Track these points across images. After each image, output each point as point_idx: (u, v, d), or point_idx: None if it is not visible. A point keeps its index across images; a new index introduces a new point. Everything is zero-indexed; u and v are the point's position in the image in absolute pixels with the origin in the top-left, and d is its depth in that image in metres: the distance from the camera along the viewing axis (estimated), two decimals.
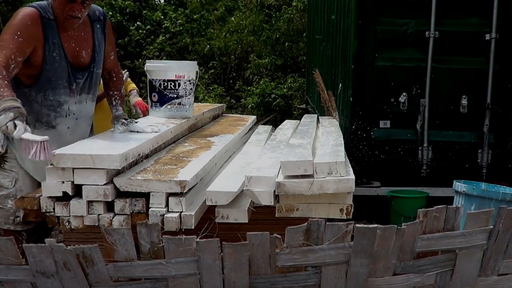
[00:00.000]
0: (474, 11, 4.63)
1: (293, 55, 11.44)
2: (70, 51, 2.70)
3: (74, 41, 2.71)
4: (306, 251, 1.85)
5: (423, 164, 4.70)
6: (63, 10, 2.59)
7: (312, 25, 8.88)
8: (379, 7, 4.66)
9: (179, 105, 3.28)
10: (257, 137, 3.42)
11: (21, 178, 2.73)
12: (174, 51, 12.12)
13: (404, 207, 4.42)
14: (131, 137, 2.61)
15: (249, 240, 1.81)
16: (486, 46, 4.57)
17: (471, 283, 2.00)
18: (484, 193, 3.72)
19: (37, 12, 2.57)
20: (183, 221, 2.12)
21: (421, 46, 4.64)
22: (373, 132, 4.74)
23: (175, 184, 2.14)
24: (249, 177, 2.20)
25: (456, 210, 1.93)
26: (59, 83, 2.68)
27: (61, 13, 2.60)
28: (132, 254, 1.82)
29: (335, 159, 2.25)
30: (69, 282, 1.81)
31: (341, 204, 2.22)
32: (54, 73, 2.65)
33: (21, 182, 2.72)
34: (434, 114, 4.68)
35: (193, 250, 1.80)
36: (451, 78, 4.66)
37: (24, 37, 2.51)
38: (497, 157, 4.66)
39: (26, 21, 2.54)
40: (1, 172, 2.75)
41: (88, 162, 2.11)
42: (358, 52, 4.69)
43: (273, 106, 10.36)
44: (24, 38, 2.51)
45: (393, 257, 1.90)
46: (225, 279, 1.85)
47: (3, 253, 1.79)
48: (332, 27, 6.00)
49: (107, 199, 2.12)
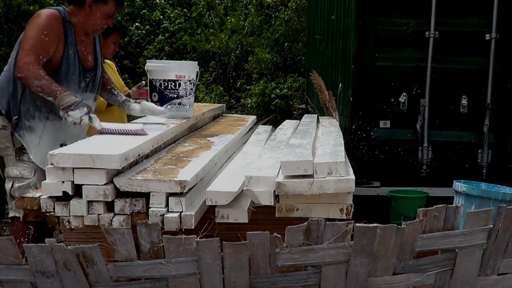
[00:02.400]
0: (474, 11, 4.63)
1: (292, 55, 11.43)
2: (81, 52, 2.99)
3: (83, 44, 3.01)
4: (306, 251, 1.85)
5: (423, 164, 4.69)
6: (101, 23, 2.96)
7: (312, 25, 8.88)
8: (379, 7, 4.65)
9: (179, 105, 3.28)
10: (257, 137, 3.42)
11: (39, 169, 2.90)
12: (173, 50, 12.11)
13: (404, 207, 4.41)
14: (131, 137, 2.61)
15: (249, 240, 1.81)
16: (486, 46, 4.56)
17: (471, 283, 2.00)
18: (484, 193, 3.72)
19: (59, 13, 2.86)
20: (183, 221, 2.12)
21: (421, 46, 4.63)
22: (373, 132, 4.74)
23: (175, 184, 2.14)
24: (249, 177, 2.20)
25: (456, 209, 1.93)
26: (73, 79, 2.94)
27: (97, 25, 2.97)
28: (132, 254, 1.82)
29: (335, 159, 2.25)
30: (69, 282, 1.82)
31: (341, 204, 2.22)
32: (69, 69, 2.92)
33: (39, 172, 2.88)
34: (434, 114, 4.67)
35: (193, 250, 1.80)
36: (451, 78, 4.65)
37: (49, 36, 2.79)
38: (497, 157, 4.65)
39: (51, 21, 2.82)
40: (20, 164, 2.93)
41: (88, 162, 2.12)
42: (358, 52, 4.68)
43: (273, 106, 10.35)
44: (49, 38, 2.79)
45: (393, 257, 1.91)
46: (225, 278, 1.85)
47: (3, 253, 1.79)
48: (332, 27, 6.00)
49: (107, 199, 2.12)
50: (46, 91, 2.71)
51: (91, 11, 2.92)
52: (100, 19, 2.95)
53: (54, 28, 2.81)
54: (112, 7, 2.96)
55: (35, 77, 2.70)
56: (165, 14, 12.54)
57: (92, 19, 2.94)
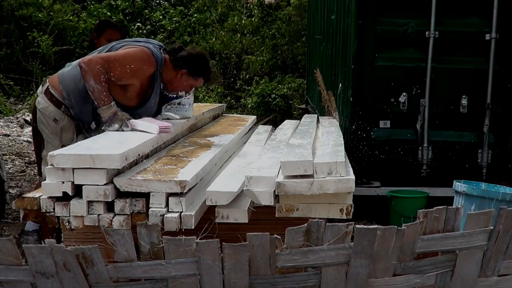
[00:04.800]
0: (474, 11, 4.62)
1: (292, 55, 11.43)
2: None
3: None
4: (306, 252, 1.84)
5: (423, 164, 4.69)
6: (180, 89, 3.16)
7: (312, 25, 8.87)
8: (379, 7, 4.64)
9: (179, 105, 3.28)
10: (257, 137, 3.42)
11: None
12: None
13: (404, 207, 4.41)
14: (131, 137, 2.61)
15: (249, 241, 1.81)
16: (486, 46, 4.56)
17: (471, 284, 1.99)
18: (484, 193, 3.72)
19: (156, 63, 2.99)
20: (183, 221, 2.12)
21: (421, 46, 4.62)
22: (373, 132, 4.74)
23: (175, 184, 2.14)
24: (249, 177, 2.20)
25: (456, 210, 1.93)
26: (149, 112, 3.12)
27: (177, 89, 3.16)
28: (132, 254, 1.81)
29: (335, 159, 2.25)
30: (69, 282, 1.81)
31: (341, 204, 2.22)
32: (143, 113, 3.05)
33: None
34: (434, 114, 4.67)
35: (193, 251, 1.80)
36: (451, 78, 4.65)
37: (130, 70, 2.90)
38: (497, 157, 4.65)
39: (143, 65, 2.95)
40: None
41: (88, 162, 2.12)
42: (358, 52, 4.68)
43: (273, 106, 10.34)
44: (130, 71, 2.90)
45: (393, 258, 1.90)
46: (225, 279, 1.85)
47: (3, 254, 1.79)
48: (332, 27, 5.99)
49: (107, 199, 2.12)
50: (96, 95, 2.80)
51: (181, 78, 3.11)
52: (183, 87, 3.16)
53: (142, 71, 2.96)
54: (199, 82, 3.18)
55: (94, 77, 2.79)
56: (166, 15, 12.53)
57: (176, 84, 3.14)
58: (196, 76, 3.11)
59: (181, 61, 3.05)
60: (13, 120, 8.53)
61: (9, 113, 8.94)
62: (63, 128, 3.05)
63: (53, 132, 3.06)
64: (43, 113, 3.06)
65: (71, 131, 3.07)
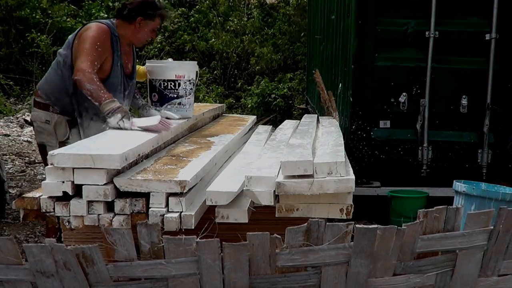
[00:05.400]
0: (474, 11, 4.63)
1: (293, 55, 11.43)
2: (124, 62, 3.25)
3: (126, 55, 3.26)
4: (306, 251, 1.85)
5: (423, 164, 4.69)
6: (147, 37, 3.27)
7: (312, 25, 8.88)
8: (379, 7, 4.65)
9: (179, 105, 3.28)
10: (257, 137, 3.42)
11: None
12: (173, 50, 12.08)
13: (404, 207, 4.42)
14: (131, 137, 2.61)
15: (249, 240, 1.81)
16: (486, 46, 4.56)
17: (471, 284, 2.00)
18: (484, 193, 3.72)
19: (108, 28, 3.13)
20: (183, 221, 2.12)
21: (421, 46, 4.63)
22: (373, 132, 4.74)
23: (175, 184, 2.13)
24: (249, 177, 2.20)
25: (456, 210, 1.93)
26: (119, 88, 3.20)
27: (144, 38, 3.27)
28: (132, 254, 1.82)
29: (335, 159, 2.25)
30: (69, 282, 1.82)
31: (341, 204, 2.22)
32: (117, 80, 3.18)
33: None
34: (434, 114, 4.67)
35: (193, 250, 1.80)
36: (451, 78, 4.65)
37: (101, 47, 3.05)
38: (497, 157, 4.65)
39: (102, 35, 3.08)
40: None
41: (88, 162, 2.11)
42: (358, 52, 4.68)
43: (273, 106, 10.35)
44: (102, 49, 3.05)
45: (393, 258, 1.90)
46: (225, 279, 1.85)
47: (3, 253, 1.79)
48: (332, 27, 5.99)
49: (107, 199, 2.12)
50: (94, 96, 2.90)
51: (140, 26, 3.18)
52: (147, 34, 3.24)
53: (105, 41, 3.08)
54: (158, 22, 3.25)
55: (88, 81, 2.91)
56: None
57: (139, 34, 3.22)
58: (152, 18, 3.19)
59: (132, 12, 3.15)
60: (13, 120, 8.54)
61: (9, 113, 8.95)
62: (56, 125, 3.17)
63: (49, 134, 3.18)
64: (37, 121, 3.23)
65: (64, 126, 3.18)
